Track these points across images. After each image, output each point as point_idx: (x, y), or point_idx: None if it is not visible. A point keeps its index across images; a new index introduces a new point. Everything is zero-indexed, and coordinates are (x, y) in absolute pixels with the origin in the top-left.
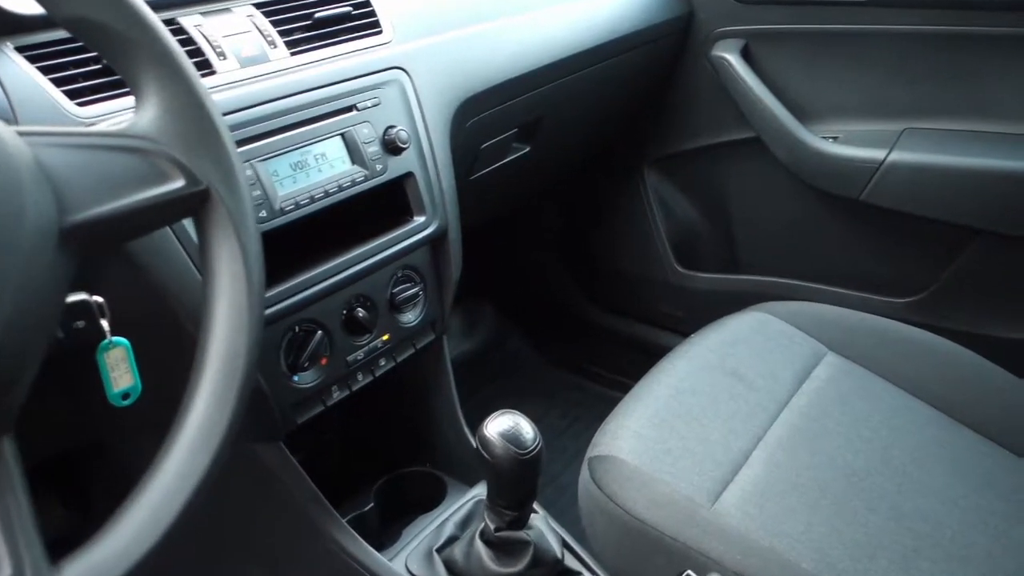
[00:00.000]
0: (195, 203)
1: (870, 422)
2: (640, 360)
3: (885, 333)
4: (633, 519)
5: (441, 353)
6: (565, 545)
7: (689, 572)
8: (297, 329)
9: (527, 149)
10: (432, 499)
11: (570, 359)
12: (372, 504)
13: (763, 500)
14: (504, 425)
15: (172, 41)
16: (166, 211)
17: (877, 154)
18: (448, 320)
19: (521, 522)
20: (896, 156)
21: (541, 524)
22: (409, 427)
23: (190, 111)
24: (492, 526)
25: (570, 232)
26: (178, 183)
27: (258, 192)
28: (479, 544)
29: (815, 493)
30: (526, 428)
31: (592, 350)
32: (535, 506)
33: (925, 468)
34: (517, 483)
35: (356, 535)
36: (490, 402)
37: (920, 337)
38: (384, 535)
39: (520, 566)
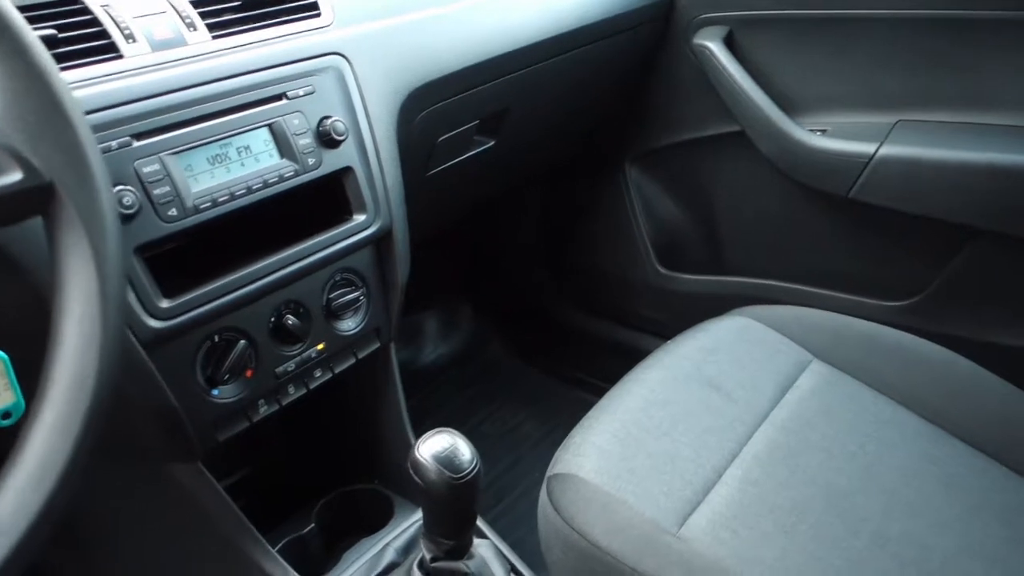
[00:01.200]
0: (38, 200)
1: (855, 436)
2: (622, 365)
3: (875, 339)
4: (590, 545)
5: (388, 363)
6: (517, 574)
7: None
8: (217, 338)
9: (491, 143)
10: (379, 518)
11: (550, 363)
12: (312, 525)
13: (735, 524)
14: (438, 446)
15: (10, 10)
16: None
17: (867, 148)
18: (395, 328)
19: (460, 551)
20: (887, 150)
21: (487, 552)
22: (356, 442)
23: (33, 92)
24: (428, 556)
25: (549, 231)
26: (14, 177)
27: (167, 188)
28: (416, 574)
29: (793, 516)
30: (463, 449)
31: (573, 354)
32: (485, 530)
33: (914, 487)
34: (452, 510)
35: (285, 565)
36: (466, 408)
37: (912, 344)
38: (326, 558)
39: None
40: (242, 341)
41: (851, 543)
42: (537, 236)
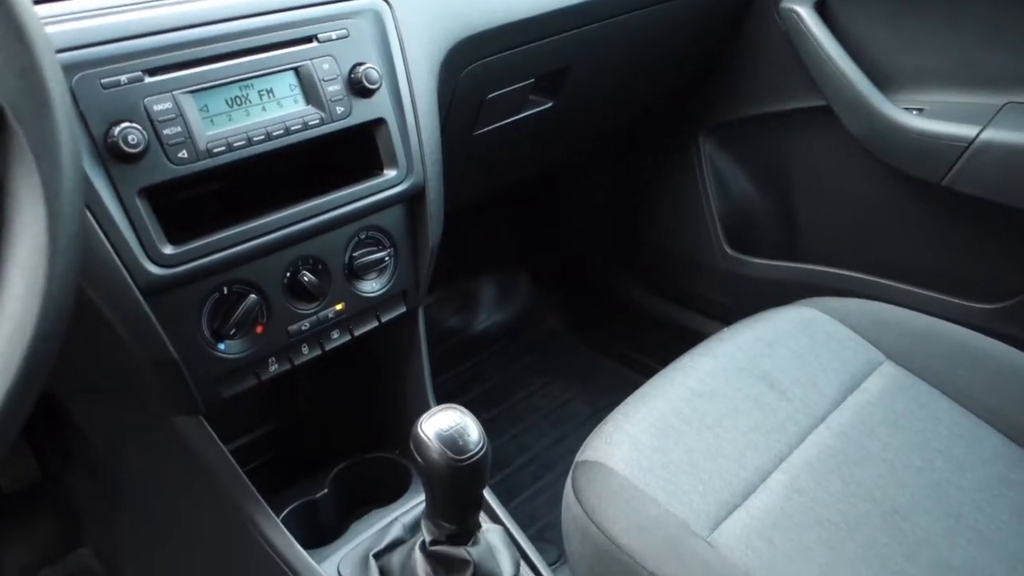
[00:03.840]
0: None
1: (924, 450)
2: (681, 349)
3: (959, 343)
4: (608, 541)
5: (415, 329)
6: (529, 563)
7: None
8: (226, 291)
9: (549, 104)
10: (396, 489)
11: (607, 340)
12: (326, 491)
13: (774, 533)
14: (443, 423)
15: None
16: None
17: (968, 131)
18: (424, 292)
19: (464, 537)
20: (991, 134)
21: (495, 539)
22: (380, 410)
23: None
24: (429, 538)
25: (614, 203)
26: None
27: (178, 129)
28: (417, 555)
29: (841, 531)
30: (471, 429)
31: (631, 333)
32: (500, 514)
33: (986, 512)
34: (453, 494)
35: (282, 528)
36: (516, 379)
37: (1002, 352)
38: (338, 525)
39: None
40: (252, 295)
41: (905, 567)
42: (602, 208)
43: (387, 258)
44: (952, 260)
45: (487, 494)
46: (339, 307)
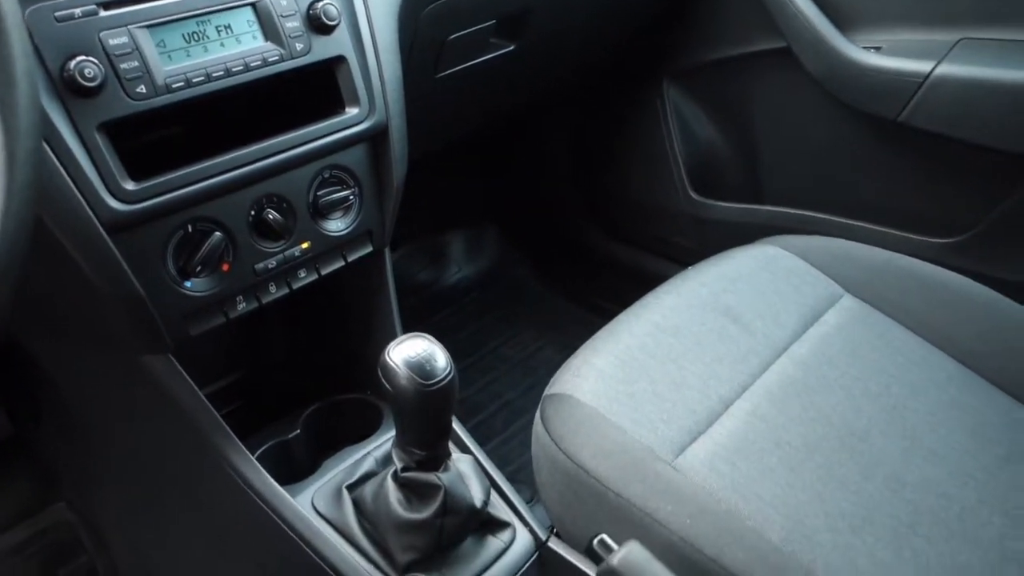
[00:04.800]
0: None
1: (880, 376)
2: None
3: (915, 276)
4: (577, 467)
5: (382, 269)
6: (500, 493)
7: (603, 537)
8: (190, 228)
9: (511, 47)
10: (368, 429)
11: (575, 290)
12: (298, 431)
13: (736, 457)
14: (411, 351)
15: None
16: None
17: (923, 67)
18: (390, 232)
19: (435, 463)
20: (945, 69)
21: (465, 467)
22: (351, 352)
23: None
24: (400, 465)
25: (581, 152)
26: None
27: (135, 64)
28: (389, 484)
29: (801, 453)
30: (438, 356)
31: (599, 281)
32: (470, 445)
33: (939, 433)
34: (422, 419)
35: (257, 465)
36: (487, 330)
37: (957, 283)
38: (312, 465)
39: (428, 512)
40: (217, 233)
41: (862, 486)
42: (568, 156)
43: (351, 197)
44: (908, 197)
45: (460, 430)
46: (305, 246)
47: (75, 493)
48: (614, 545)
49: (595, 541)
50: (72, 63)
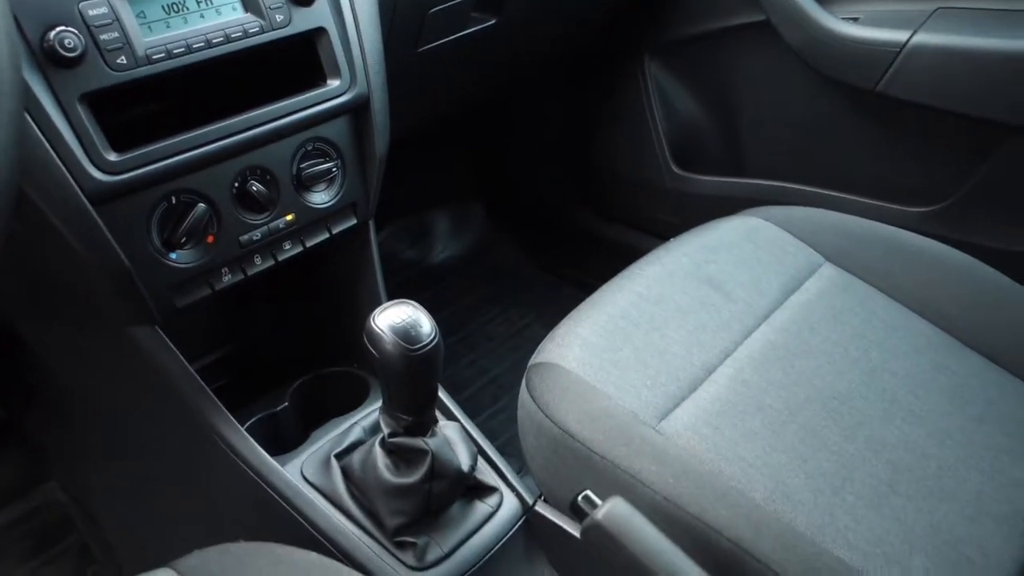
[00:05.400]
0: None
1: (861, 341)
2: None
3: (894, 244)
4: (562, 432)
5: (367, 242)
6: (487, 459)
7: (588, 493)
8: (174, 200)
9: (492, 22)
10: (355, 401)
11: (561, 266)
12: (286, 404)
13: (719, 420)
14: (396, 317)
15: None
16: None
17: (900, 36)
18: (374, 205)
19: (422, 428)
20: (921, 38)
21: (452, 433)
22: (337, 325)
23: None
24: (387, 431)
25: (564, 129)
26: None
27: (115, 34)
28: (377, 451)
29: (783, 415)
30: (423, 321)
31: (585, 257)
32: (456, 412)
33: (918, 395)
34: (408, 384)
35: (246, 435)
36: (474, 309)
37: (935, 250)
38: (300, 438)
39: (416, 477)
40: (201, 204)
41: (843, 447)
42: (553, 135)
43: (334, 169)
44: (887, 167)
45: (447, 400)
46: (289, 218)
47: (66, 472)
48: (598, 501)
49: (579, 497)
50: (52, 33)
